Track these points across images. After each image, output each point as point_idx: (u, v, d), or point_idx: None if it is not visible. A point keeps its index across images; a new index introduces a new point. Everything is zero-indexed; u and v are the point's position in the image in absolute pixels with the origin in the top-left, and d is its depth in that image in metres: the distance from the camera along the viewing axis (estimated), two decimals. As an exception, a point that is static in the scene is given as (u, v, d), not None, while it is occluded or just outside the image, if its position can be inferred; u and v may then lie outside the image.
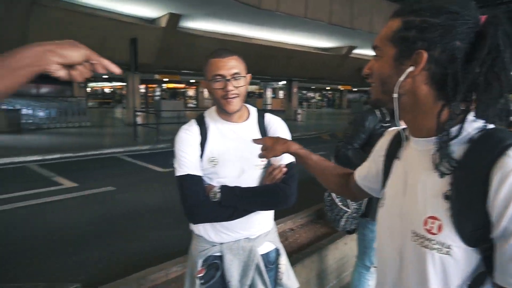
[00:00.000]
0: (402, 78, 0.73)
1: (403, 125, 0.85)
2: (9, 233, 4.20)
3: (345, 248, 3.09)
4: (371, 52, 0.83)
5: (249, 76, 1.40)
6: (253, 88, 36.53)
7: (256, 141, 1.29)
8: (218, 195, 1.33)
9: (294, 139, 1.30)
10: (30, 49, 0.63)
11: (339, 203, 2.09)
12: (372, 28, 15.25)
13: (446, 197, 0.68)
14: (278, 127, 1.48)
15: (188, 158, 1.35)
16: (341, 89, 39.43)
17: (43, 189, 5.90)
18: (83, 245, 3.88)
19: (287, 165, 1.42)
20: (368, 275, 2.23)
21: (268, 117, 1.51)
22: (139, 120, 11.93)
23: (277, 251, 1.55)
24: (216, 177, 1.39)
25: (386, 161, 0.93)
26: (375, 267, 2.19)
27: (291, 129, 1.55)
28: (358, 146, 2.11)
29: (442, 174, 0.69)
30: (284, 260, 1.55)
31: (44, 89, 25.83)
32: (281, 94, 32.59)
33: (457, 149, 0.69)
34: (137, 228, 4.45)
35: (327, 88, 40.94)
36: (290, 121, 21.14)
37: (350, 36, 16.12)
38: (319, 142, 12.52)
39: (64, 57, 0.65)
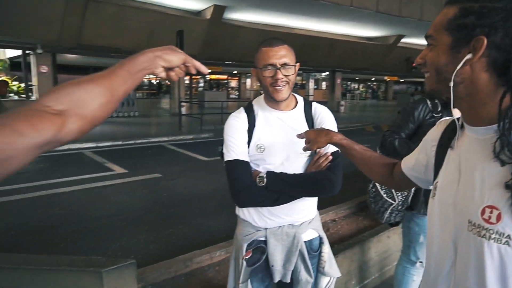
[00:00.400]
0: (459, 66, 0.72)
1: (457, 114, 0.83)
2: (66, 214, 4.56)
3: (388, 242, 3.04)
4: (421, 41, 0.82)
5: (297, 65, 1.42)
6: (296, 79, 36.15)
7: (299, 135, 1.32)
8: (265, 180, 1.38)
9: (337, 131, 1.31)
10: (144, 55, 0.73)
11: (384, 195, 2.04)
12: (423, 15, 14.46)
13: (507, 186, 0.67)
14: (325, 116, 1.50)
15: (236, 144, 1.41)
16: (387, 80, 37.96)
17: (96, 174, 6.32)
18: (133, 228, 4.13)
19: (333, 154, 1.43)
20: (413, 270, 2.18)
21: (315, 106, 1.53)
22: (183, 110, 12.29)
23: (320, 239, 1.57)
24: (262, 163, 1.44)
25: (439, 151, 0.91)
26: (420, 262, 2.14)
27: (335, 120, 1.55)
28: (406, 136, 2.05)
29: (503, 163, 0.68)
30: (327, 249, 1.57)
31: (96, 81, 27.12)
32: (323, 85, 32.00)
33: None
34: (183, 213, 4.64)
35: (372, 79, 39.61)
36: (333, 112, 20.68)
37: (399, 24, 15.41)
38: (363, 134, 12.21)
39: (168, 62, 0.76)
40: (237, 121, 1.45)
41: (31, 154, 0.55)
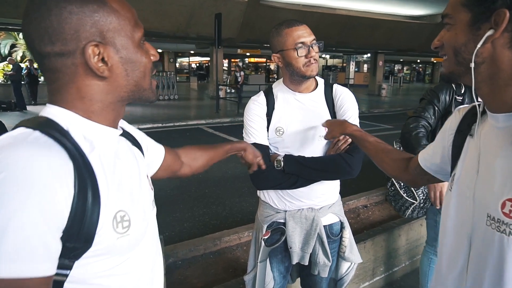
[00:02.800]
0: (480, 44, 0.66)
1: (479, 98, 0.78)
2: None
3: (420, 230, 2.95)
4: None
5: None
6: (336, 61, 35.23)
7: (323, 124, 1.37)
8: (282, 163, 1.39)
9: (376, 115, 1.30)
10: (240, 144, 1.30)
11: (404, 194, 1.93)
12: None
13: None
14: (345, 97, 1.47)
15: (255, 127, 1.43)
16: (434, 61, 35.91)
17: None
18: (169, 206, 4.31)
19: None
20: None
21: (336, 87, 1.50)
22: (221, 93, 12.42)
23: (341, 224, 1.57)
24: (282, 146, 1.45)
25: (457, 139, 0.86)
26: None
27: (375, 104, 1.55)
28: (430, 124, 1.89)
29: None
30: (348, 234, 1.56)
31: (139, 64, 27.93)
32: (365, 68, 30.89)
33: None
34: (217, 194, 4.78)
35: (417, 61, 37.64)
36: (373, 96, 20.10)
37: (446, 1, 14.43)
38: (404, 119, 11.72)
39: (245, 159, 1.32)
40: (256, 105, 1.47)
41: (166, 174, 1.12)
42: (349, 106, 1.45)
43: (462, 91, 1.85)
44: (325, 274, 1.51)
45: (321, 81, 1.51)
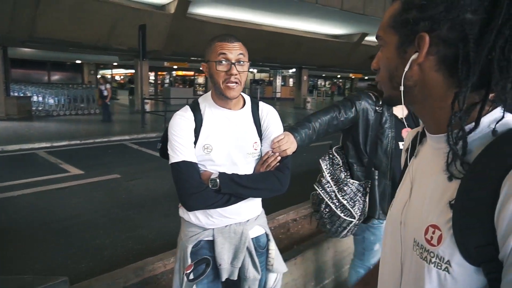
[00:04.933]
0: (406, 68, 0.64)
1: (400, 114, 0.77)
2: (15, 219, 4.24)
3: (348, 241, 3.02)
4: None
5: (249, 63, 1.40)
6: (263, 75, 36.23)
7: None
8: (218, 183, 1.32)
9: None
10: None
11: (341, 214, 1.89)
12: (385, 14, 14.82)
13: (451, 205, 0.59)
14: (271, 118, 1.50)
15: (183, 143, 1.34)
16: (352, 77, 38.85)
17: (49, 176, 5.96)
18: (87, 233, 3.90)
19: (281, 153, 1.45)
20: None
21: (262, 106, 1.51)
22: (147, 107, 11.92)
23: (267, 236, 1.57)
24: (210, 164, 1.38)
25: (406, 158, 0.84)
26: None
27: (301, 117, 1.54)
28: (340, 116, 1.83)
29: (450, 177, 0.60)
30: (273, 245, 1.57)
31: (54, 77, 25.96)
32: (291, 82, 32.23)
33: (474, 147, 0.59)
34: (143, 216, 4.46)
35: (338, 76, 40.37)
36: (299, 109, 20.96)
37: (363, 22, 15.74)
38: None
39: None
40: (183, 120, 1.37)
41: None
42: (275, 127, 1.48)
43: (380, 103, 1.90)
44: None
45: (247, 98, 1.50)
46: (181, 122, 1.36)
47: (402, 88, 0.66)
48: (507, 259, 0.51)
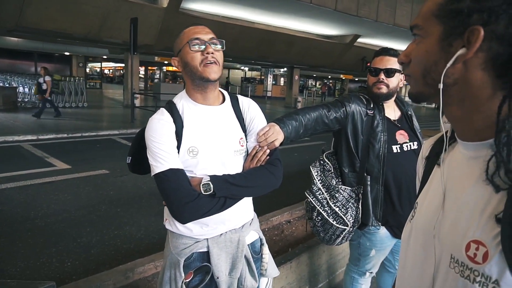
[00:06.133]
0: (450, 64, 0.57)
1: (444, 124, 0.69)
2: (-2, 214, 4.08)
3: (343, 244, 2.97)
4: (376, 42, 0.66)
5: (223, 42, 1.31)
6: (254, 74, 36.13)
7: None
8: (211, 186, 1.20)
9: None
10: None
11: (334, 222, 1.84)
12: (379, 17, 14.90)
13: (498, 219, 0.53)
14: (253, 110, 1.42)
15: (166, 150, 1.20)
16: (343, 78, 39.03)
17: (35, 170, 5.77)
18: (73, 230, 3.76)
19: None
20: (361, 280, 2.10)
21: (241, 99, 1.42)
22: (137, 102, 11.72)
23: (260, 240, 1.49)
24: (198, 168, 1.25)
25: (427, 165, 0.78)
26: (370, 272, 2.07)
27: None
28: (330, 114, 1.79)
29: (497, 189, 0.54)
30: (266, 250, 1.51)
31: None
32: (282, 81, 32.21)
33: None
34: (131, 213, 4.34)
35: (329, 76, 40.54)
36: (290, 108, 20.94)
37: (356, 24, 15.77)
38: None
39: None
40: (162, 124, 1.23)
41: None
42: (259, 120, 1.40)
43: (371, 106, 1.85)
44: None
45: (226, 93, 1.40)
46: (159, 127, 1.22)
47: (441, 86, 0.59)
48: None
